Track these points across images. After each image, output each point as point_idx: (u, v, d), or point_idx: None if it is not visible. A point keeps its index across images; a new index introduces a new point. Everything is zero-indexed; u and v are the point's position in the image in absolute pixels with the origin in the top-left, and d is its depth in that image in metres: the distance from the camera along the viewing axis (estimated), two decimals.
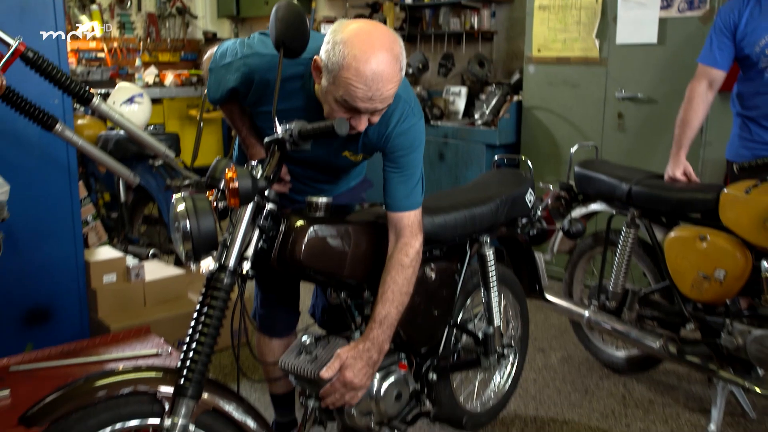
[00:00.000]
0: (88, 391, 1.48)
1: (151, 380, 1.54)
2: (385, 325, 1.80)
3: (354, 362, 1.77)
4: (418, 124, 1.86)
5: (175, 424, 1.50)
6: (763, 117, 2.63)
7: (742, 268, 2.35)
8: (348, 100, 1.62)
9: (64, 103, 2.65)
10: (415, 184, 1.87)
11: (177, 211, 1.57)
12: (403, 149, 1.84)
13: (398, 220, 1.85)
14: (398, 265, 1.82)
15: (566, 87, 4.12)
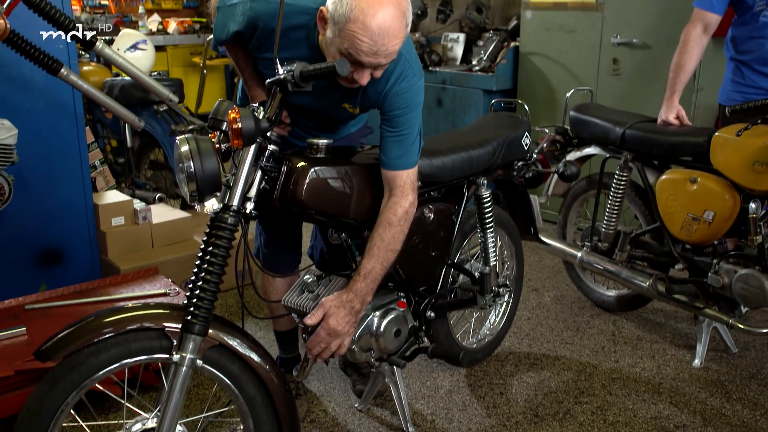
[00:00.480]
0: (98, 327, 1.53)
1: (159, 317, 1.59)
2: (369, 279, 1.86)
3: (337, 311, 1.84)
4: (417, 84, 1.88)
5: (183, 358, 1.56)
6: (756, 61, 2.67)
7: (731, 209, 2.43)
8: (352, 53, 1.64)
9: (69, 49, 2.67)
10: (410, 145, 1.88)
11: (181, 152, 1.58)
12: (400, 108, 1.86)
13: (391, 178, 1.88)
14: (386, 223, 1.86)
15: (563, 33, 4.13)
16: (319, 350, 1.88)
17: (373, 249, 1.86)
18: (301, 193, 1.75)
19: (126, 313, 1.58)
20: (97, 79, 3.96)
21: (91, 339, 1.51)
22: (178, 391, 1.58)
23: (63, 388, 1.50)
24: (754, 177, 2.34)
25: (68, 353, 1.50)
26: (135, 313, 1.59)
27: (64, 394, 1.51)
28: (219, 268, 1.62)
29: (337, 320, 1.84)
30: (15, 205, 2.55)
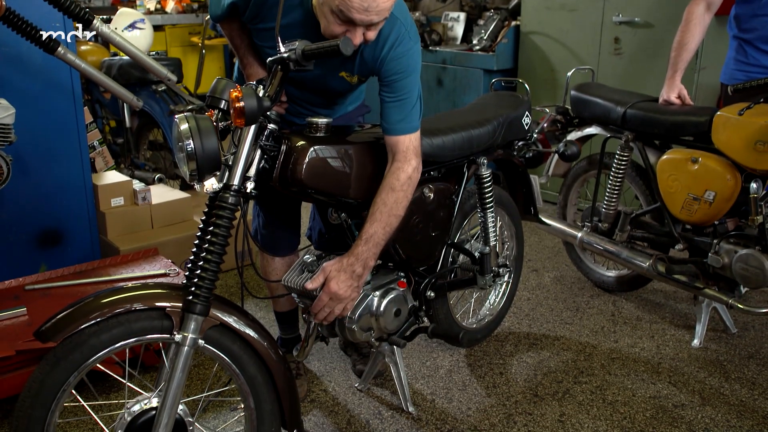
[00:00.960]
0: (99, 307, 1.53)
1: (160, 297, 1.59)
2: (371, 243, 1.85)
3: (338, 274, 1.84)
4: (414, 48, 1.87)
5: (185, 338, 1.57)
6: (760, 39, 2.64)
7: (732, 189, 2.42)
8: (344, 10, 1.63)
9: (66, 27, 2.64)
10: (410, 109, 1.88)
11: (180, 131, 1.57)
12: (397, 73, 1.85)
13: (394, 144, 1.87)
14: (388, 188, 1.86)
15: (564, 11, 4.09)
16: (323, 315, 1.88)
17: (375, 213, 1.85)
18: (300, 172, 1.75)
19: (126, 293, 1.58)
20: (95, 59, 3.93)
21: (92, 319, 1.51)
22: (180, 371, 1.58)
23: (64, 368, 1.51)
24: (756, 156, 2.33)
25: (69, 333, 1.50)
26: (135, 293, 1.59)
27: (66, 374, 1.51)
28: (220, 247, 1.62)
29: (338, 284, 1.83)
30: (14, 186, 2.54)
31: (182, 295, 1.60)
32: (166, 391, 1.58)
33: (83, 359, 1.52)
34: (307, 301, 1.98)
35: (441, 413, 2.29)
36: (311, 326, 2.06)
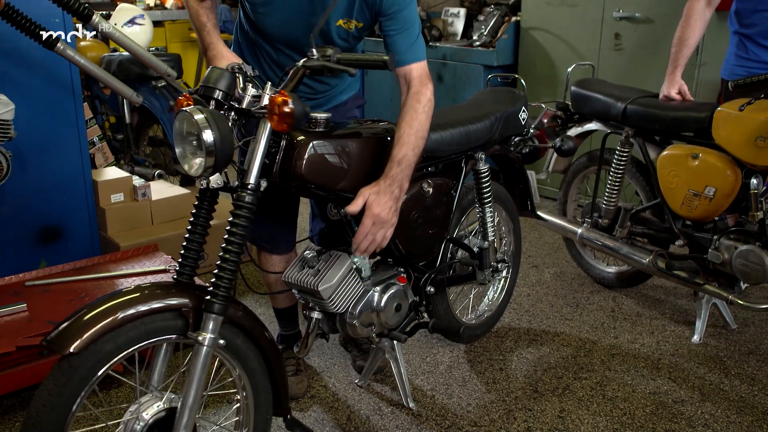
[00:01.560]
0: (111, 311, 1.47)
1: (173, 296, 1.56)
2: (404, 165, 1.86)
3: (377, 197, 1.84)
4: None
5: (206, 338, 1.55)
6: (761, 35, 2.63)
7: (732, 185, 2.42)
8: None
9: (65, 23, 2.64)
10: (416, 38, 1.92)
11: (195, 120, 1.51)
12: (397, 4, 1.89)
13: (407, 72, 1.90)
14: (411, 110, 1.88)
15: (564, 7, 4.08)
16: (366, 244, 1.88)
17: (402, 137, 1.87)
18: (301, 168, 1.73)
19: (137, 294, 1.54)
20: (95, 55, 3.92)
21: (106, 324, 1.45)
22: (201, 371, 1.55)
23: (81, 377, 1.44)
24: (756, 152, 2.33)
25: (83, 341, 1.42)
26: (147, 293, 1.55)
27: (82, 384, 1.44)
28: (238, 246, 1.61)
29: (379, 206, 1.83)
30: (13, 182, 2.54)
31: (195, 294, 1.59)
32: (186, 392, 1.56)
33: (99, 366, 1.46)
34: (307, 297, 1.98)
35: (441, 409, 2.29)
36: (312, 323, 2.06)
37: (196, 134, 1.53)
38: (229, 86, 1.62)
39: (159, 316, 1.54)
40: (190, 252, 1.69)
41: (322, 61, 1.65)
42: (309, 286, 1.89)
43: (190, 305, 1.57)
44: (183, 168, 1.61)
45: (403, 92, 1.94)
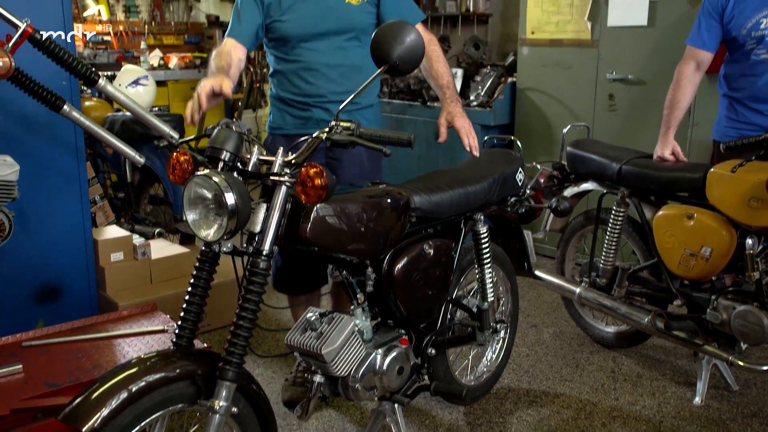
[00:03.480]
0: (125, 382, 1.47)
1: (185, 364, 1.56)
2: (452, 86, 2.41)
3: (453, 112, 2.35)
4: None
5: (221, 407, 1.55)
6: (749, 98, 2.70)
7: (728, 245, 2.44)
8: None
9: (72, 85, 2.70)
10: (413, 3, 2.47)
11: (215, 183, 1.52)
12: None
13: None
14: (434, 53, 2.43)
15: (559, 68, 4.19)
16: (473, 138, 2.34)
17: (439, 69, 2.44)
18: (306, 231, 1.73)
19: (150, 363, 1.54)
20: (99, 114, 3.99)
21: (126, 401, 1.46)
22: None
23: None
24: (750, 213, 2.35)
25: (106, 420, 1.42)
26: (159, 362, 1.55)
27: None
28: (253, 313, 1.63)
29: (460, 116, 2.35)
30: (14, 241, 2.54)
31: (208, 361, 1.59)
32: None
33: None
34: (310, 360, 1.97)
35: None
36: (314, 386, 2.04)
37: (214, 198, 1.55)
38: (236, 147, 1.65)
39: (173, 386, 1.54)
40: (189, 314, 1.69)
41: (345, 134, 1.68)
42: (312, 349, 1.87)
43: (200, 372, 1.57)
44: (198, 235, 1.62)
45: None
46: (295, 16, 2.34)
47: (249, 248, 1.66)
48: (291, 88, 2.45)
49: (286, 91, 2.47)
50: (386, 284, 2.03)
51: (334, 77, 2.40)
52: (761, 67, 2.64)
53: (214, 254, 1.70)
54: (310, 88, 2.41)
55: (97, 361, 2.38)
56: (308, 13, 2.33)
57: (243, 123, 1.70)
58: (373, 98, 2.57)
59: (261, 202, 1.68)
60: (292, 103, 2.47)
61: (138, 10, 6.97)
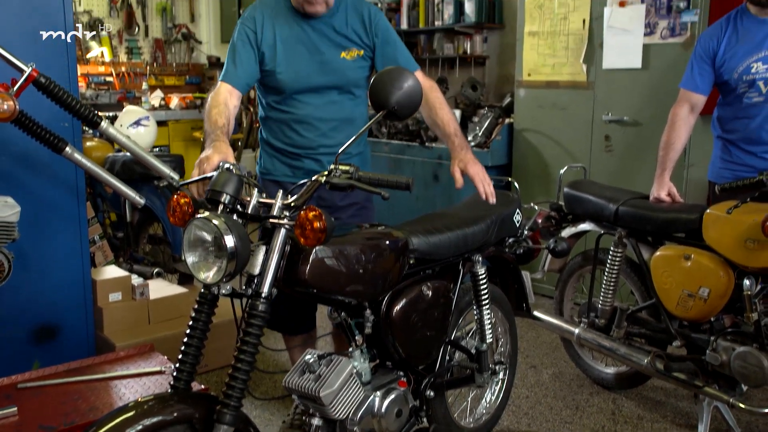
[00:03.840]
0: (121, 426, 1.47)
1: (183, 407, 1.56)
2: (459, 132, 2.38)
3: (466, 158, 2.31)
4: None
5: None
6: (743, 140, 2.74)
7: (725, 286, 2.44)
8: None
9: (74, 126, 2.73)
10: (407, 51, 2.47)
11: (215, 226, 1.53)
12: (384, 22, 2.42)
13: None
14: (437, 99, 2.42)
15: (555, 110, 4.24)
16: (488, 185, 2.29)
17: (444, 117, 2.40)
18: (305, 273, 1.73)
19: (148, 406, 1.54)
20: (100, 155, 4.03)
21: None
22: None
23: None
24: (747, 254, 2.36)
25: None
26: (158, 405, 1.55)
27: None
28: (251, 356, 1.62)
29: (473, 163, 2.30)
30: (12, 281, 2.53)
31: (203, 402, 1.59)
32: None
33: None
34: (308, 403, 1.95)
35: None
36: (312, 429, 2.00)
37: (214, 240, 1.56)
38: (236, 190, 1.67)
39: (170, 429, 1.53)
40: (188, 357, 1.69)
41: (344, 177, 1.70)
42: (310, 392, 1.85)
43: (198, 416, 1.56)
44: (198, 278, 1.62)
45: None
46: (290, 69, 2.36)
47: (248, 290, 1.67)
48: (282, 138, 2.47)
49: (277, 140, 2.49)
50: (385, 326, 2.02)
51: (325, 131, 2.42)
52: (753, 110, 2.68)
53: (213, 296, 1.70)
54: (301, 140, 2.43)
55: (93, 403, 2.36)
56: (303, 66, 2.36)
57: (243, 166, 1.72)
58: (362, 146, 2.59)
59: (260, 245, 1.68)
60: (283, 152, 2.49)
61: (140, 51, 7.10)
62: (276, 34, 2.35)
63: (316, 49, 2.36)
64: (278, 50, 2.35)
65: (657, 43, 3.73)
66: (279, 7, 2.38)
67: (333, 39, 2.38)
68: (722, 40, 2.72)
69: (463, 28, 5.02)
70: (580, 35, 4.05)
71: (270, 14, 2.37)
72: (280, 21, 2.36)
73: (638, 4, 3.76)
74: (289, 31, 2.36)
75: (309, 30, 2.36)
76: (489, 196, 2.27)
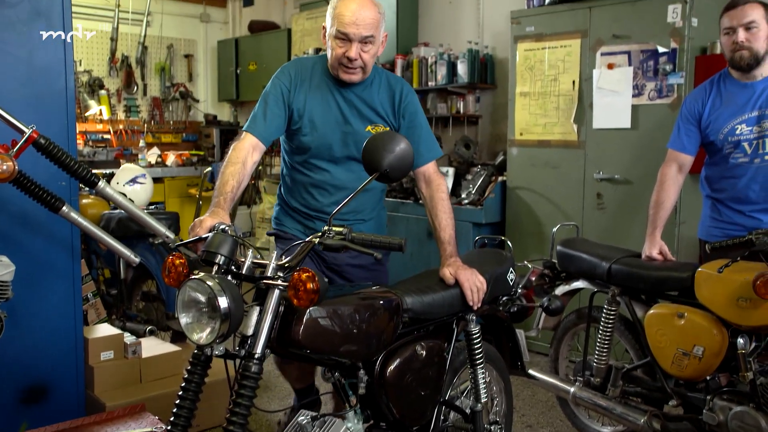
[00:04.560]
0: None
1: None
2: (453, 242, 2.32)
3: (456, 266, 2.24)
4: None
5: None
6: (731, 199, 2.78)
7: (719, 344, 2.44)
8: (339, 29, 2.20)
9: (71, 185, 2.75)
10: (432, 139, 2.45)
11: (209, 287, 1.54)
12: (415, 105, 2.43)
13: (426, 170, 2.40)
14: (440, 202, 2.35)
15: (548, 168, 4.31)
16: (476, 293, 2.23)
17: (442, 222, 2.33)
18: (298, 334, 1.72)
19: None
20: (95, 212, 4.05)
21: None
22: None
23: None
24: (740, 313, 2.37)
25: None
26: None
27: None
28: (243, 418, 1.61)
29: (464, 270, 2.23)
30: (3, 340, 2.52)
31: None
32: None
33: None
34: None
35: None
36: None
37: (208, 301, 1.57)
38: (231, 251, 1.68)
39: None
40: (180, 419, 1.68)
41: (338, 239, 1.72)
42: None
43: None
44: (191, 339, 1.62)
45: (422, 187, 2.42)
46: (316, 135, 2.38)
47: (241, 351, 1.66)
48: (298, 198, 2.51)
49: (293, 198, 2.53)
50: (378, 386, 2.01)
51: (340, 198, 2.37)
52: (740, 170, 2.73)
53: (206, 357, 1.70)
54: (316, 203, 2.47)
55: None
56: (328, 135, 2.38)
57: (238, 227, 1.75)
58: (377, 210, 2.60)
59: (254, 305, 1.69)
60: (297, 211, 2.53)
61: (138, 110, 7.21)
62: (307, 97, 2.37)
63: (344, 119, 2.38)
64: (306, 113, 2.37)
65: (645, 104, 3.83)
66: (315, 70, 2.40)
67: (362, 111, 2.40)
68: (707, 103, 2.79)
69: (456, 88, 5.13)
70: (570, 96, 4.15)
71: (306, 75, 2.39)
72: (314, 83, 2.38)
73: (626, 66, 3.86)
74: (321, 97, 2.38)
75: (340, 99, 2.38)
76: (475, 303, 2.26)
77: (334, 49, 2.27)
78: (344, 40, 2.23)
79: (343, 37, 2.23)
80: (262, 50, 6.98)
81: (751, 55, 2.65)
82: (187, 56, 7.61)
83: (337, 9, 2.24)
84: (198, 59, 7.73)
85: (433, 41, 5.49)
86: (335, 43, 2.26)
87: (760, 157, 2.70)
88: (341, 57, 2.26)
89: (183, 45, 7.59)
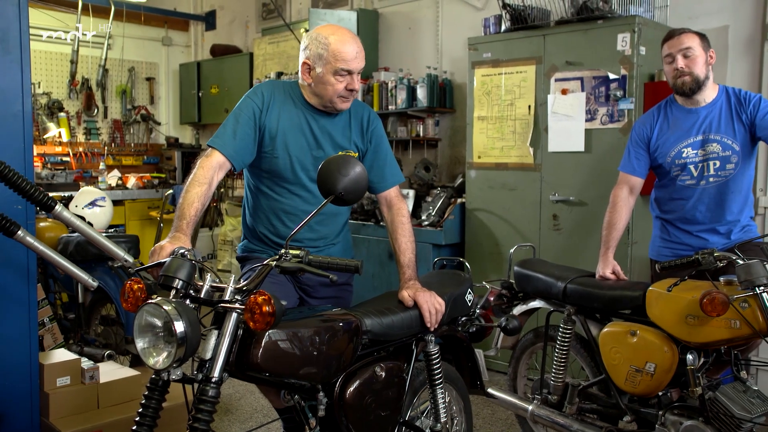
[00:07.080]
0: None
1: None
2: (413, 265, 2.37)
3: (415, 291, 2.28)
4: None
5: None
6: (679, 220, 2.89)
7: (670, 361, 2.51)
8: (342, 66, 2.25)
9: (27, 209, 2.71)
10: (395, 164, 2.52)
11: (165, 311, 1.55)
12: (380, 131, 2.50)
13: (387, 194, 2.46)
14: (401, 225, 2.40)
15: (505, 190, 4.39)
16: (434, 315, 2.28)
17: (402, 246, 2.38)
18: (257, 357, 1.74)
19: None
20: (53, 235, 3.98)
21: None
22: None
23: None
24: (689, 330, 2.45)
25: None
26: None
27: None
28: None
29: (422, 293, 2.28)
30: None
31: None
32: None
33: None
34: None
35: None
36: None
37: (164, 326, 1.57)
38: (189, 275, 1.69)
39: None
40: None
41: (294, 261, 1.74)
42: None
43: None
44: (147, 363, 1.62)
45: (384, 211, 2.46)
46: (286, 156, 2.36)
47: (199, 375, 1.67)
48: (267, 225, 2.45)
49: (261, 225, 2.47)
50: (338, 408, 2.03)
51: (311, 224, 2.39)
52: (687, 192, 2.84)
53: (164, 382, 1.70)
54: (285, 230, 2.41)
55: None
56: (300, 157, 2.38)
57: (198, 251, 1.76)
58: (340, 236, 2.57)
59: (212, 329, 1.70)
60: (265, 239, 2.47)
61: (99, 132, 7.13)
62: (280, 119, 2.36)
63: (316, 144, 2.40)
64: (279, 135, 2.35)
65: (598, 128, 3.95)
66: (288, 94, 2.40)
67: (335, 138, 2.42)
68: (654, 127, 2.90)
69: (416, 112, 5.22)
70: (526, 120, 4.26)
71: (279, 98, 2.39)
72: (287, 107, 2.38)
73: (579, 92, 3.99)
74: (294, 121, 2.38)
75: (314, 124, 2.39)
76: (433, 325, 2.30)
77: (333, 85, 2.29)
78: (344, 75, 2.28)
79: (345, 73, 2.28)
80: (224, 74, 7.00)
81: (692, 80, 2.77)
82: (148, 79, 7.58)
83: (333, 48, 2.25)
84: (160, 82, 7.71)
85: (393, 66, 5.58)
86: (335, 79, 2.28)
87: (705, 179, 2.81)
88: (342, 90, 2.30)
89: (145, 68, 7.57)
